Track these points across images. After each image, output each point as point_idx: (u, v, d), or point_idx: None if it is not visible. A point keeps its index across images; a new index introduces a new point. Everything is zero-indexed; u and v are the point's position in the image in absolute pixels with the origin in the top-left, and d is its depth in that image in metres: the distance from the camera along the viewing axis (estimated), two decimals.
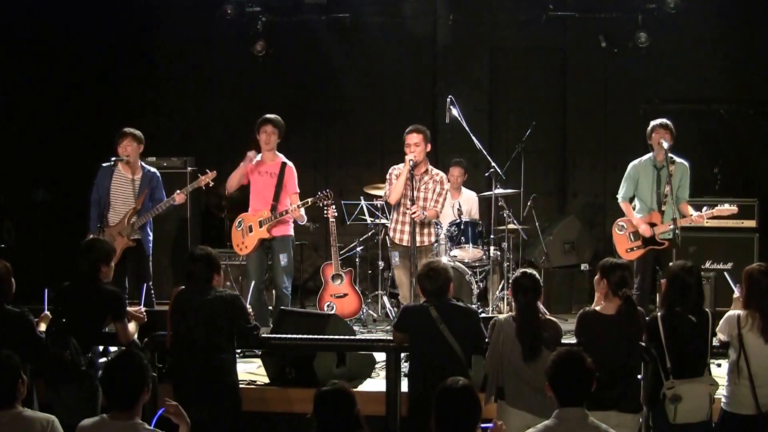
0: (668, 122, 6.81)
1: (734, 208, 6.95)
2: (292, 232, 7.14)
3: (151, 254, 7.01)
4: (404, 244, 6.74)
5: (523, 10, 9.75)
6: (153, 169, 7.11)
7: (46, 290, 5.33)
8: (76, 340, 4.81)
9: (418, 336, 4.83)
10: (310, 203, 7.06)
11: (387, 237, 7.11)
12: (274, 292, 7.19)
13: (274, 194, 7.03)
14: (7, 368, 3.85)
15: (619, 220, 7.06)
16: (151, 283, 6.85)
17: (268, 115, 7.09)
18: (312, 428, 3.65)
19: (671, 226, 6.56)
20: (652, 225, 6.83)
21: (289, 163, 7.13)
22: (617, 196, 7.08)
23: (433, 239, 7.01)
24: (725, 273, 5.82)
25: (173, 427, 3.92)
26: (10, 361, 3.88)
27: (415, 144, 6.66)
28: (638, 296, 6.59)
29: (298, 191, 7.15)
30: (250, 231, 7.03)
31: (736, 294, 5.06)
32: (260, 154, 7.10)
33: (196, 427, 3.99)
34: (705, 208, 6.85)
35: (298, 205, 6.96)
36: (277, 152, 7.13)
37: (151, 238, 7.02)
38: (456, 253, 7.54)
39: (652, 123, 6.88)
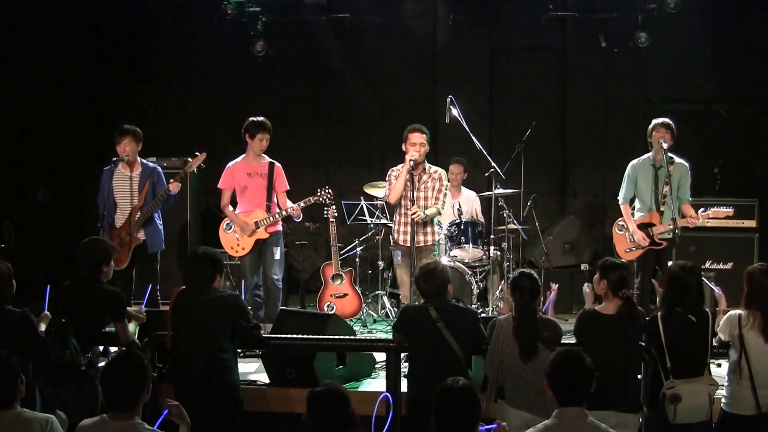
0: (670, 122, 6.81)
1: (729, 210, 6.97)
2: (281, 228, 7.18)
3: (158, 252, 6.98)
4: (407, 244, 6.73)
5: (523, 10, 9.75)
6: (153, 164, 7.08)
7: (48, 287, 5.31)
8: (76, 340, 4.81)
9: (418, 336, 4.83)
10: (312, 201, 7.07)
11: (390, 237, 7.11)
12: (266, 285, 7.17)
13: (267, 195, 7.04)
14: (6, 368, 3.85)
15: (618, 220, 7.07)
16: (157, 284, 6.85)
17: (261, 121, 7.06)
18: (307, 429, 3.65)
19: (670, 227, 6.57)
20: (651, 225, 6.84)
21: (277, 164, 7.15)
22: (618, 197, 7.08)
23: (436, 238, 7.00)
24: (703, 278, 5.84)
25: (173, 427, 3.93)
26: (9, 362, 3.88)
27: (420, 144, 6.68)
28: (638, 296, 6.60)
29: (288, 188, 7.17)
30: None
31: (717, 292, 5.10)
32: (243, 156, 7.12)
33: (196, 427, 3.99)
34: (702, 209, 6.86)
35: (299, 204, 6.97)
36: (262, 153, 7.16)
37: (161, 236, 7.00)
38: (456, 253, 7.53)
39: (654, 121, 6.88)
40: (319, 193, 7.08)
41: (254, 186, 7.07)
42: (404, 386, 5.14)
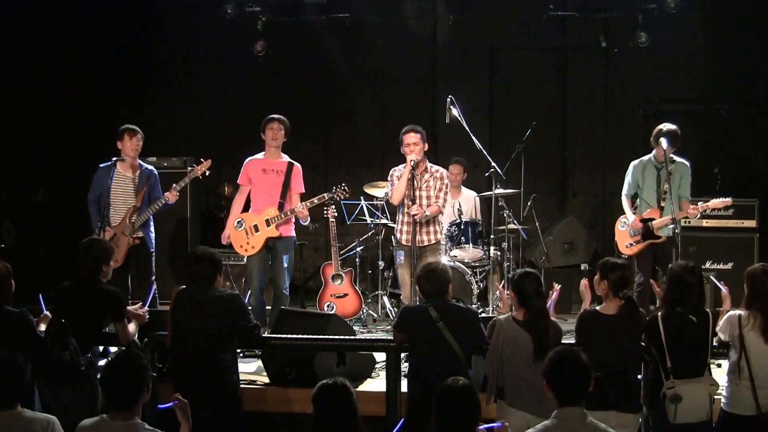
0: (677, 131, 6.75)
1: (728, 200, 6.94)
2: (294, 234, 7.14)
3: (154, 251, 7.02)
4: (410, 244, 6.73)
5: (523, 10, 9.76)
6: (150, 167, 7.12)
7: (41, 296, 5.31)
8: (75, 340, 4.81)
9: (418, 336, 4.83)
10: (326, 198, 7.04)
11: (393, 237, 7.11)
12: (273, 292, 7.17)
13: (282, 192, 7.00)
14: (8, 369, 3.84)
15: (621, 217, 7.12)
16: (153, 281, 6.87)
17: (272, 115, 7.11)
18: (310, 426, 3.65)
19: (669, 223, 6.58)
20: (651, 220, 6.84)
21: (296, 164, 7.12)
22: (622, 193, 7.08)
23: (439, 237, 6.99)
24: (711, 276, 5.84)
25: (174, 426, 3.93)
26: (11, 362, 3.87)
27: (414, 143, 6.66)
28: (638, 294, 6.60)
29: (303, 191, 7.15)
30: (256, 230, 6.94)
31: (724, 292, 5.09)
32: (263, 152, 7.12)
33: (196, 427, 3.98)
34: (700, 202, 6.85)
35: (306, 204, 6.94)
36: (282, 153, 7.14)
37: (153, 235, 7.03)
38: (456, 253, 7.53)
39: (662, 131, 6.79)
40: (334, 190, 7.06)
41: (268, 183, 7.00)
42: (404, 386, 5.14)
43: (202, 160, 6.99)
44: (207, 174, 7.05)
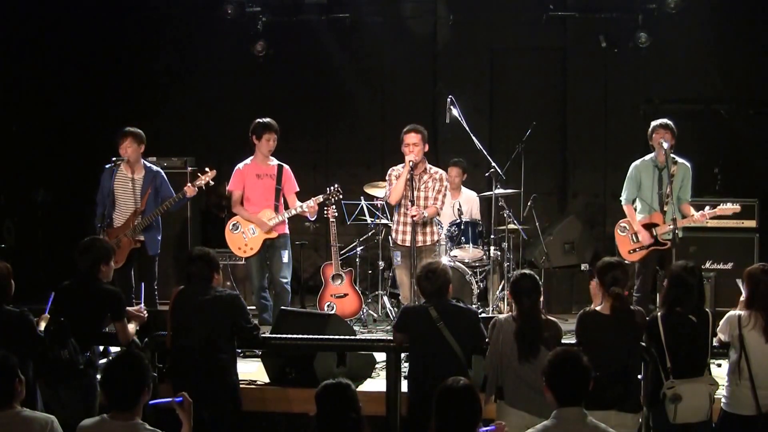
0: (669, 122, 6.78)
1: (737, 207, 6.92)
2: (288, 231, 7.17)
3: (157, 254, 7.00)
4: (406, 244, 6.73)
5: (523, 10, 9.76)
6: (156, 168, 7.05)
7: (53, 294, 5.29)
8: (75, 339, 4.81)
9: (418, 336, 4.83)
10: (322, 200, 7.07)
11: (390, 237, 7.12)
12: (274, 289, 7.18)
13: (275, 195, 7.05)
14: (3, 368, 3.84)
15: (621, 221, 7.02)
16: (155, 284, 6.86)
17: (267, 121, 7.06)
18: (312, 426, 3.65)
19: (671, 227, 6.56)
20: (654, 225, 6.81)
21: (285, 165, 7.15)
22: (621, 198, 7.01)
23: (435, 238, 6.99)
24: (737, 280, 5.78)
25: (174, 426, 3.93)
26: (5, 361, 3.86)
27: (414, 144, 6.66)
28: (639, 298, 6.59)
29: (298, 190, 7.17)
30: (253, 233, 7.03)
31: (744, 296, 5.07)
32: (251, 158, 7.12)
33: (196, 427, 3.99)
34: (707, 207, 6.82)
35: (314, 200, 6.97)
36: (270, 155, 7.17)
37: (159, 238, 7.00)
38: (456, 253, 7.54)
39: (653, 123, 6.85)
40: (328, 191, 7.08)
41: (263, 187, 7.07)
42: (404, 386, 5.14)
43: (207, 169, 6.95)
44: (211, 184, 7.01)
